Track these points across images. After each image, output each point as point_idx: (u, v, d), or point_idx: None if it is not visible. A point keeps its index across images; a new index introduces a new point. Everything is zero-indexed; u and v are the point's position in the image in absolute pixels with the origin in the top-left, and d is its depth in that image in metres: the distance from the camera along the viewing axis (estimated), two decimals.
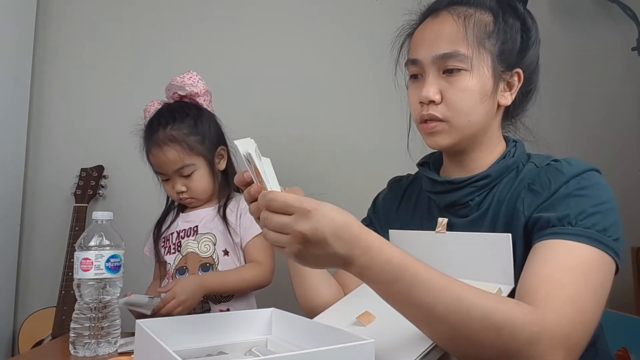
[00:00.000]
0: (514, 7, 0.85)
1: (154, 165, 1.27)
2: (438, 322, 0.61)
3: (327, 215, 0.59)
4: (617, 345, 1.30)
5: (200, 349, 0.71)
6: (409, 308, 0.63)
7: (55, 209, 1.68)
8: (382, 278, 0.61)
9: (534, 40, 0.85)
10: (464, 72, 0.79)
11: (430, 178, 0.89)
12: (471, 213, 0.83)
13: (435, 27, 0.83)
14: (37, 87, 1.72)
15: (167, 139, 1.22)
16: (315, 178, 1.69)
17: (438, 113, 0.81)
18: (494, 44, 0.81)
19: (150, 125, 1.27)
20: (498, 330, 0.59)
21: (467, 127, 0.81)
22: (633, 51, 1.82)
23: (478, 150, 0.86)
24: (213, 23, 1.79)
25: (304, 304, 0.94)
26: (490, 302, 0.61)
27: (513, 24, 0.83)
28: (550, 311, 0.62)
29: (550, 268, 0.67)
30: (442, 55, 0.80)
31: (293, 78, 1.78)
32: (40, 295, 1.64)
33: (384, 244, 0.62)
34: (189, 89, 1.27)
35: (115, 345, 0.91)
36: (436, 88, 0.80)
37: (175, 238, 1.28)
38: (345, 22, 1.82)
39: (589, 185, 0.74)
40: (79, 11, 1.76)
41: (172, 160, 1.22)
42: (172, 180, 1.26)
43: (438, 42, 0.81)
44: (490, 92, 0.81)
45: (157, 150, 1.23)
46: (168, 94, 1.30)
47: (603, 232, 0.69)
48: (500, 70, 0.82)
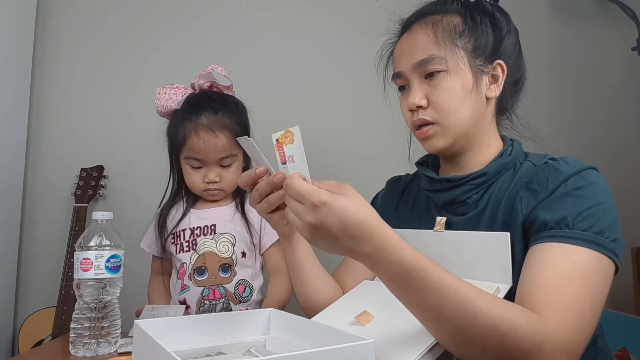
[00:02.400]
0: (480, 5, 0.89)
1: (195, 149, 1.18)
2: (444, 324, 0.62)
3: (337, 210, 0.59)
4: (617, 345, 1.31)
5: (199, 350, 0.71)
6: (417, 307, 0.64)
7: (55, 209, 1.68)
8: (392, 277, 0.63)
9: (507, 30, 0.89)
10: (442, 73, 0.83)
11: (429, 176, 0.90)
12: (469, 211, 0.84)
13: (409, 40, 0.89)
14: (37, 87, 1.72)
15: (220, 124, 1.18)
16: (315, 178, 1.69)
17: (427, 116, 0.85)
18: (467, 42, 0.85)
19: (197, 107, 1.20)
20: (501, 338, 0.61)
21: (458, 125, 0.84)
22: (633, 51, 1.82)
23: (474, 149, 0.87)
24: (212, 24, 1.79)
25: (303, 300, 0.95)
26: (497, 310, 0.62)
27: (482, 20, 0.87)
28: (551, 320, 0.63)
29: (549, 275, 0.67)
30: (420, 62, 0.84)
31: (293, 78, 1.78)
32: (40, 295, 1.63)
33: (397, 244, 0.62)
34: (229, 82, 1.24)
35: (115, 345, 0.91)
36: (421, 94, 0.85)
37: (189, 235, 1.24)
38: (344, 22, 1.82)
39: (586, 184, 0.74)
40: (79, 11, 1.76)
41: (222, 147, 1.17)
42: (207, 169, 1.21)
43: (414, 51, 0.86)
44: (471, 87, 0.84)
45: (207, 134, 1.16)
46: (199, 82, 1.25)
47: (600, 233, 0.69)
48: (479, 65, 0.85)
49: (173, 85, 1.25)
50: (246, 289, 1.22)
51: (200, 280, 1.21)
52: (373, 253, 0.61)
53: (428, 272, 0.62)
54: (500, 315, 0.61)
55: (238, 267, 1.22)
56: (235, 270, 1.22)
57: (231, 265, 1.22)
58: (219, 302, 1.19)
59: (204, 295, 1.19)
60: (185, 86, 1.26)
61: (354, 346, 0.57)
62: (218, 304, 1.19)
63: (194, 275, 1.21)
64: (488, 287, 0.73)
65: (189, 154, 1.20)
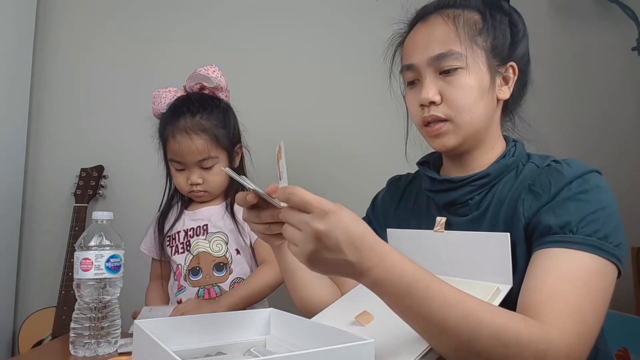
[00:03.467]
0: (498, 4, 0.87)
1: (173, 152, 1.21)
2: (448, 336, 0.62)
3: (343, 220, 0.58)
4: (617, 345, 1.31)
5: (199, 350, 0.71)
6: (420, 321, 0.63)
7: (55, 209, 1.68)
8: (395, 292, 0.61)
9: (522, 33, 0.88)
10: (460, 70, 0.80)
11: (430, 177, 0.89)
12: (470, 212, 0.83)
13: (426, 31, 0.85)
14: (37, 87, 1.72)
15: (196, 127, 1.19)
16: (315, 178, 1.69)
17: (440, 113, 0.81)
18: (485, 40, 0.83)
19: (176, 110, 1.22)
20: (506, 348, 0.60)
21: (471, 124, 0.82)
22: (633, 51, 1.82)
23: (479, 149, 0.86)
24: (213, 24, 1.79)
25: (299, 304, 0.93)
26: (500, 320, 0.61)
27: (501, 19, 0.85)
28: (555, 328, 0.63)
29: (552, 280, 0.67)
30: (437, 56, 0.81)
31: (292, 78, 1.78)
32: (40, 295, 1.64)
33: (396, 257, 0.61)
34: (216, 82, 1.25)
35: (115, 345, 0.91)
36: (435, 89, 0.81)
37: (182, 237, 1.25)
38: (344, 22, 1.82)
39: (589, 188, 0.73)
40: (79, 11, 1.76)
41: (198, 150, 1.19)
42: (189, 171, 1.22)
43: (431, 44, 0.82)
44: (488, 88, 0.82)
45: (184, 137, 1.18)
46: (189, 84, 1.27)
47: (604, 239, 0.69)
48: (495, 65, 0.84)
49: (167, 89, 1.27)
50: None
51: (195, 281, 1.21)
52: (375, 267, 0.60)
53: (429, 283, 0.61)
54: (504, 325, 0.61)
55: (234, 265, 1.22)
56: (231, 268, 1.22)
57: (226, 263, 1.22)
58: None
59: (200, 295, 1.20)
60: (177, 89, 1.28)
61: (354, 346, 0.57)
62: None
63: (188, 276, 1.22)
64: (488, 287, 0.73)
65: (171, 156, 1.23)
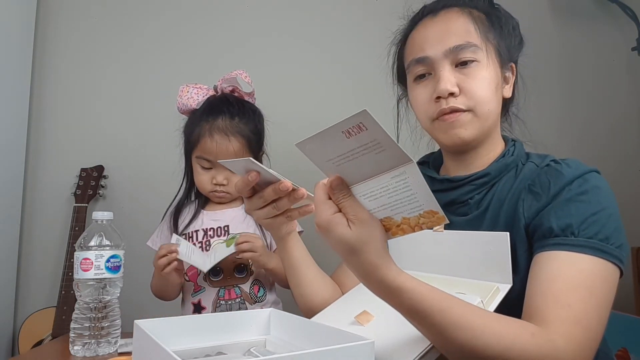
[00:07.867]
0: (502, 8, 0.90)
1: (207, 150, 1.20)
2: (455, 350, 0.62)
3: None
4: (617, 345, 1.31)
5: (199, 350, 0.71)
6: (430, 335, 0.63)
7: (55, 209, 1.68)
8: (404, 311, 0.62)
9: (520, 38, 0.90)
10: (477, 63, 0.81)
11: (430, 176, 0.89)
12: (470, 211, 0.84)
13: (439, 24, 0.84)
14: (37, 87, 1.72)
15: (235, 129, 1.20)
16: (315, 178, 1.69)
17: (460, 105, 0.80)
18: (494, 38, 0.84)
19: (214, 109, 1.22)
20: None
21: (488, 116, 0.82)
22: (633, 51, 1.82)
23: (483, 146, 0.87)
24: (212, 24, 1.79)
25: (301, 302, 0.94)
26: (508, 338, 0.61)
27: (506, 21, 0.87)
28: (560, 336, 0.63)
29: (556, 285, 0.67)
30: (455, 48, 0.80)
31: (292, 78, 1.78)
32: (40, 295, 1.64)
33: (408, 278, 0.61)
34: (251, 88, 1.26)
35: (115, 345, 0.91)
36: (453, 80, 0.80)
37: (202, 236, 1.25)
38: (344, 22, 1.82)
39: (589, 189, 0.73)
40: (79, 11, 1.76)
41: (233, 152, 1.19)
42: (216, 171, 1.22)
43: (448, 36, 0.81)
44: (500, 84, 0.84)
45: (221, 137, 1.19)
46: (222, 85, 1.27)
47: (606, 240, 0.69)
48: (501, 63, 0.85)
49: (196, 85, 1.27)
50: (260, 289, 1.23)
51: (216, 281, 1.21)
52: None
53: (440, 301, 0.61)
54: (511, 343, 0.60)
55: (255, 267, 1.23)
56: (252, 270, 1.23)
57: (247, 265, 1.23)
58: (235, 302, 1.20)
59: (220, 295, 1.20)
60: (208, 87, 1.28)
61: (354, 346, 0.56)
62: (234, 304, 1.19)
63: (209, 276, 1.22)
64: (488, 287, 0.73)
65: (200, 154, 1.22)
